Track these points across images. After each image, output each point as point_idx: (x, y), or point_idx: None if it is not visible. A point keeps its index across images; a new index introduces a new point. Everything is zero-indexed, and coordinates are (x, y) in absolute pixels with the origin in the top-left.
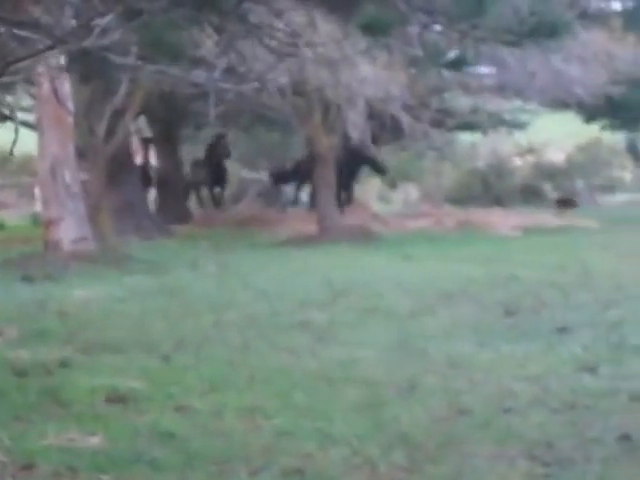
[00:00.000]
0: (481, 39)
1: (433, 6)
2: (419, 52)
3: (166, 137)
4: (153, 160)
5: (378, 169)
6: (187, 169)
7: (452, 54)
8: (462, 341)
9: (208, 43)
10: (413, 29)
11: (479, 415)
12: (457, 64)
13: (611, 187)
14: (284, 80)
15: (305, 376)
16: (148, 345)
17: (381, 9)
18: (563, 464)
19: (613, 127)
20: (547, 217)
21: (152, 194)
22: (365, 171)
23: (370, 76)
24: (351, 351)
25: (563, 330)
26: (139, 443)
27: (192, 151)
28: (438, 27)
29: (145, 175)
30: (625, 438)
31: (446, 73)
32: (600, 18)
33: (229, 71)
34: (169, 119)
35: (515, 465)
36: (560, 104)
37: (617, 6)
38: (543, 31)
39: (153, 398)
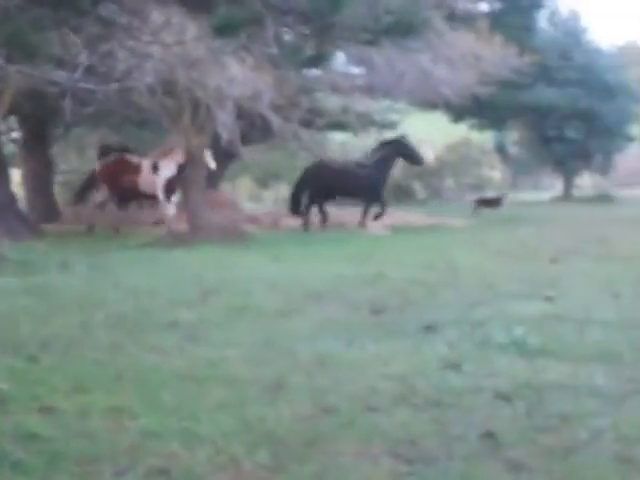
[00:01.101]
0: (338, 38)
1: (289, 5)
2: (274, 51)
3: (36, 137)
4: None
5: (415, 160)
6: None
7: (309, 52)
8: (329, 340)
9: (71, 43)
10: (270, 29)
11: (344, 414)
12: (315, 62)
13: (480, 186)
14: (150, 80)
15: (173, 375)
16: (14, 345)
17: (235, 9)
18: (426, 461)
19: (481, 127)
20: (416, 216)
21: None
22: (235, 170)
23: (239, 76)
24: (219, 350)
25: (429, 328)
26: (2, 444)
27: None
28: (295, 26)
29: None
30: (488, 435)
31: (316, 73)
32: (467, 19)
33: (90, 71)
34: (39, 119)
35: (379, 463)
36: (428, 104)
37: (484, 7)
38: (400, 29)
39: (18, 399)
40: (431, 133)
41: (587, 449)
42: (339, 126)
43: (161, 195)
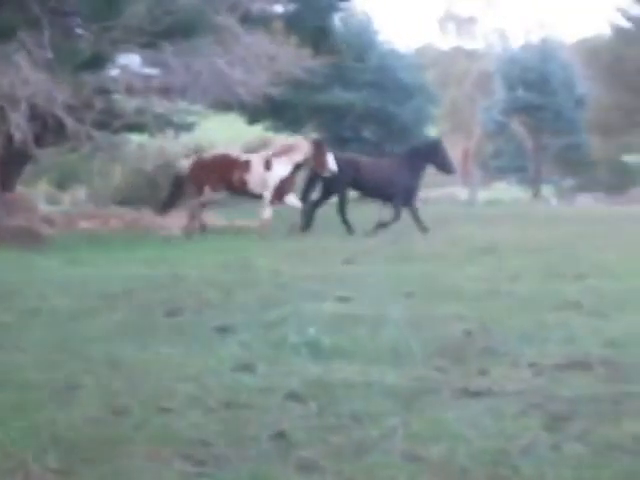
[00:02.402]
0: (117, 40)
1: (68, 8)
2: (49, 55)
3: None
4: None
5: (446, 169)
6: None
7: (88, 55)
8: (123, 342)
9: None
10: (47, 31)
11: (136, 415)
12: (92, 65)
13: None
14: None
15: None
16: None
17: (10, 12)
18: (218, 463)
19: (277, 128)
20: (213, 217)
21: None
22: (32, 172)
23: (32, 77)
24: (10, 354)
25: (223, 329)
26: None
27: None
28: (74, 29)
29: None
30: (280, 436)
31: (113, 74)
32: (263, 20)
33: None
34: None
35: (170, 465)
36: (224, 105)
37: (279, 9)
38: (179, 30)
39: None
40: (229, 135)
41: (378, 448)
42: (136, 127)
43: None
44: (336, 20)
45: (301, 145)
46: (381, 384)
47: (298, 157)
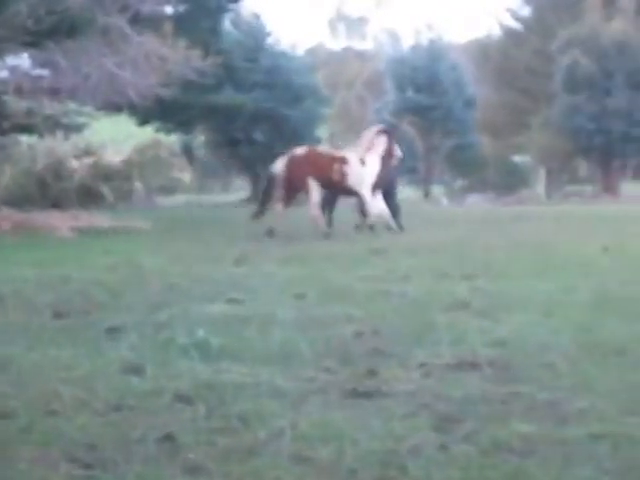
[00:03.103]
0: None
1: None
2: None
3: None
4: None
5: None
6: None
7: None
8: (10, 344)
9: None
10: None
11: (23, 418)
12: None
13: (172, 188)
14: None
15: None
16: None
17: None
18: (105, 465)
19: (167, 129)
20: (102, 219)
21: None
22: None
23: None
24: None
25: (112, 331)
26: None
27: None
28: None
29: None
30: (167, 438)
31: (1, 75)
32: (153, 21)
33: None
34: None
35: (57, 468)
36: (114, 107)
37: (169, 10)
38: (63, 30)
39: None
40: (121, 135)
41: (266, 449)
42: (25, 129)
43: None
44: (226, 21)
45: (380, 137)
46: (270, 385)
47: (381, 150)
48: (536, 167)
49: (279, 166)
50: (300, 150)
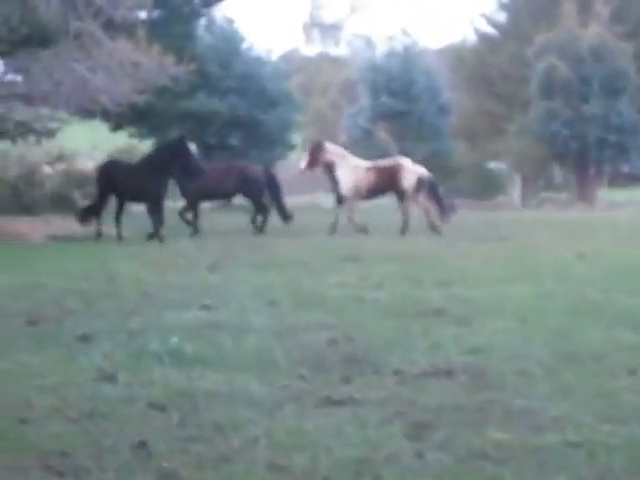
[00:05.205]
0: None
1: None
2: None
3: None
4: None
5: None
6: None
7: None
8: None
9: None
10: None
11: None
12: None
13: None
14: None
15: None
16: None
17: None
18: (78, 473)
19: (141, 135)
20: (75, 225)
21: None
22: None
23: None
24: None
25: (85, 338)
26: None
27: None
28: None
29: None
30: (141, 445)
31: None
32: (126, 27)
33: None
34: None
35: (30, 476)
36: (87, 112)
37: (143, 15)
38: (36, 39)
39: None
40: (94, 141)
41: (240, 457)
42: None
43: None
44: (200, 27)
45: None
46: (244, 393)
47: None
48: (511, 174)
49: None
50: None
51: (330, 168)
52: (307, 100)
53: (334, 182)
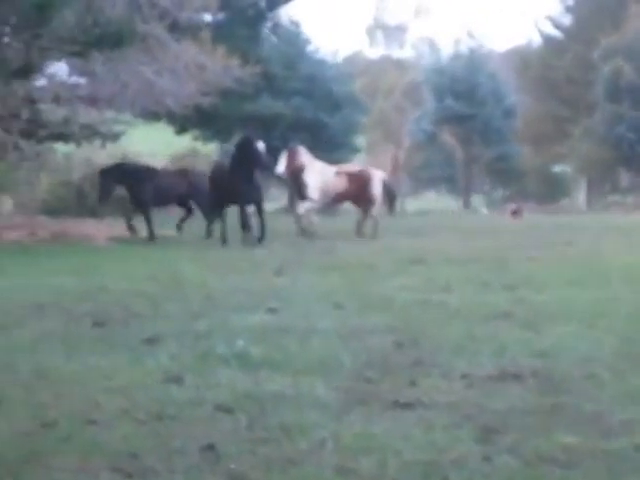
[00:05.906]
0: (46, 49)
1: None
2: None
3: None
4: None
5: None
6: None
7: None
8: (50, 353)
9: None
10: None
11: (64, 428)
12: (22, 74)
13: None
14: None
15: None
16: None
17: None
18: (147, 475)
19: (205, 138)
20: (139, 227)
21: None
22: None
23: None
24: None
25: (151, 341)
26: None
27: None
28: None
29: None
30: (209, 448)
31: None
32: (191, 30)
33: None
34: None
35: (99, 478)
36: (152, 115)
37: (208, 18)
38: (107, 41)
39: None
40: (156, 145)
41: (308, 460)
42: (62, 137)
43: None
44: (265, 29)
45: None
46: (311, 396)
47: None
48: (577, 177)
49: None
50: None
51: (300, 172)
52: (371, 103)
53: (302, 186)
